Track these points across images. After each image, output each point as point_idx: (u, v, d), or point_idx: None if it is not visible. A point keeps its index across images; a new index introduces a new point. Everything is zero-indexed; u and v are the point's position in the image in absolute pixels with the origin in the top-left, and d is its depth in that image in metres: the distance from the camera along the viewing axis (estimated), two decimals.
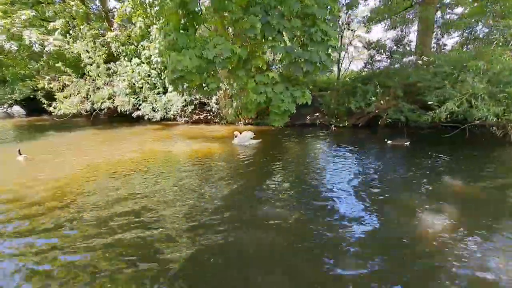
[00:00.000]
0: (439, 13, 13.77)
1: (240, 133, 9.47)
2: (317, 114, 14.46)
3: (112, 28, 16.53)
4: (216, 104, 14.45)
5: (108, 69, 14.56)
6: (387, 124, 12.45)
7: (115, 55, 15.09)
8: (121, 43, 14.94)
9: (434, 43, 13.74)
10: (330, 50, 5.76)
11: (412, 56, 12.17)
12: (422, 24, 12.41)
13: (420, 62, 10.58)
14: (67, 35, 14.87)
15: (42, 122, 16.46)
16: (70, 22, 15.23)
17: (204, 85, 6.00)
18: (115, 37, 14.83)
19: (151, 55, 14.59)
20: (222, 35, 5.63)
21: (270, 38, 5.54)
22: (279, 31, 5.37)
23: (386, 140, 8.95)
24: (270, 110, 6.09)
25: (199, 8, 5.74)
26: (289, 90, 5.89)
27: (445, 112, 7.25)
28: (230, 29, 6.43)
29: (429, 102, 8.47)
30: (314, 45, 5.56)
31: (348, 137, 10.82)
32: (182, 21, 5.77)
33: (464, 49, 12.56)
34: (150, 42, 14.62)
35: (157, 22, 14.63)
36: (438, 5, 12.99)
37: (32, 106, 22.09)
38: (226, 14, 5.68)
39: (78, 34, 15.08)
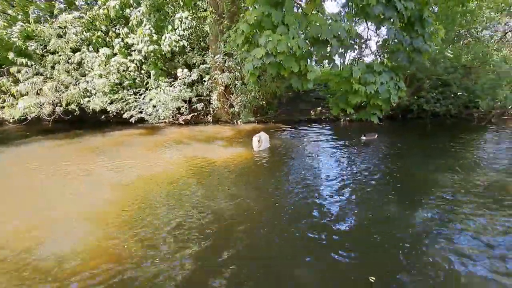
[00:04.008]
0: None
1: (258, 137, 8.03)
2: (319, 108, 14.08)
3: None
4: (217, 101, 12.75)
5: (76, 62, 11.36)
6: (388, 116, 12.85)
7: (75, 43, 11.89)
8: (84, 28, 11.80)
9: None
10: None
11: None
12: None
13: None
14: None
15: None
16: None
17: (301, 74, 4.71)
18: (73, 20, 11.63)
19: (127, 44, 11.92)
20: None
21: (385, 18, 4.60)
22: (398, 11, 4.49)
23: (362, 136, 8.94)
24: (370, 103, 5.20)
25: None
26: (393, 80, 5.10)
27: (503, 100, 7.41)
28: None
29: (459, 93, 8.76)
30: (423, 29, 4.86)
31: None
32: None
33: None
34: (125, 27, 11.95)
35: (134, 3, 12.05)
36: None
37: None
38: None
39: (18, 14, 11.39)
